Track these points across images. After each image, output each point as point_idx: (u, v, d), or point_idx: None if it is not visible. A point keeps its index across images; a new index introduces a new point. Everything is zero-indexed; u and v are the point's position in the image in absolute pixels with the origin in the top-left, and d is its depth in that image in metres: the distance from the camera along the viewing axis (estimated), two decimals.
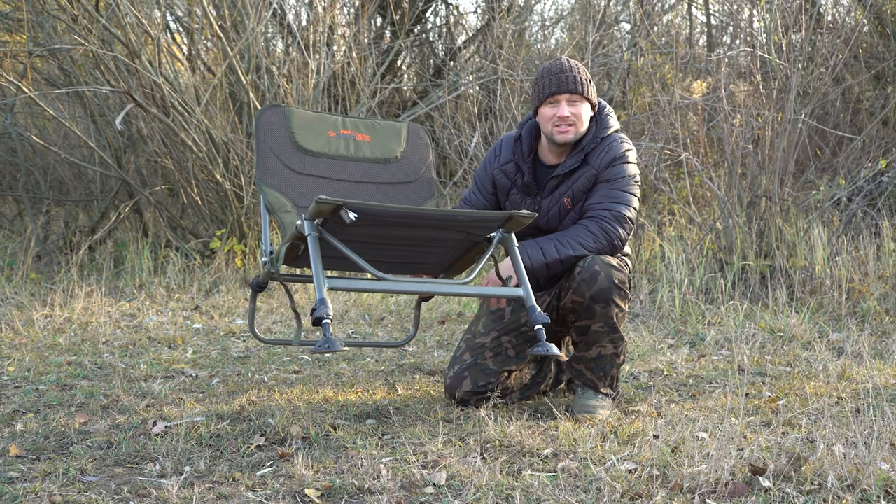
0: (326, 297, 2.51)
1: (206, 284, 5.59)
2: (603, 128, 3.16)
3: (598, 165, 3.12)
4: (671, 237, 5.43)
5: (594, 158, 3.13)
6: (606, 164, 3.11)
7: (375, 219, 2.61)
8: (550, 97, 3.08)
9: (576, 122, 3.09)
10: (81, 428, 2.94)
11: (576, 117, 3.08)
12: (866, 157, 5.92)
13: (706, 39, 7.66)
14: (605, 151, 3.12)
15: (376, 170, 3.28)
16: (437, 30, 8.26)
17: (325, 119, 3.29)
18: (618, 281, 3.01)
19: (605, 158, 3.11)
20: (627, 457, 2.60)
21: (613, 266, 3.03)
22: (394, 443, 2.79)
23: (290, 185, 3.13)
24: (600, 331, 3.04)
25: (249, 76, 5.92)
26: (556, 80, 3.08)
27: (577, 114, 3.09)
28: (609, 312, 3.02)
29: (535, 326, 2.68)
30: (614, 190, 3.10)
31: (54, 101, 6.59)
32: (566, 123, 3.08)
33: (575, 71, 3.09)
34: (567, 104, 3.08)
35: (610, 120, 3.18)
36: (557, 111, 3.07)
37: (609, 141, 3.14)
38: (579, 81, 3.08)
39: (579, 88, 3.07)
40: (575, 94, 3.08)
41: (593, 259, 3.02)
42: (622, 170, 3.12)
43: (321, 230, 2.62)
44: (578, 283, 3.00)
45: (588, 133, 3.14)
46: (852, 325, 4.38)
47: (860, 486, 2.32)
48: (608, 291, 3.00)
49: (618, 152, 3.12)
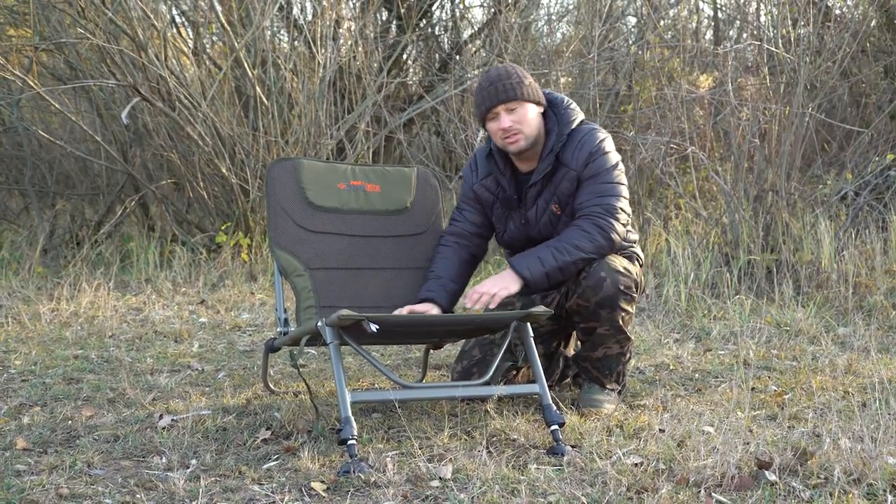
0: (351, 415, 2.53)
1: (212, 278, 5.60)
2: (565, 123, 3.03)
3: (575, 165, 2.99)
4: (677, 231, 5.42)
5: (568, 157, 3.00)
6: (584, 161, 2.99)
7: (397, 328, 2.70)
8: (488, 112, 2.98)
9: (521, 129, 2.97)
10: (88, 421, 2.95)
11: (519, 123, 2.96)
12: (873, 152, 5.90)
13: (713, 33, 7.64)
14: (577, 148, 3.00)
15: (388, 222, 3.28)
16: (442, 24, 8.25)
17: (334, 170, 3.28)
18: (623, 287, 2.96)
19: (580, 156, 2.99)
20: (633, 450, 2.60)
21: (619, 271, 2.97)
22: (400, 436, 2.79)
23: (302, 246, 3.14)
24: (606, 333, 3.02)
25: (256, 70, 5.92)
26: (488, 94, 2.97)
27: (520, 119, 2.96)
28: (615, 317, 2.99)
29: (550, 427, 2.66)
30: (600, 184, 2.98)
31: (60, 96, 6.59)
32: (511, 133, 2.96)
33: (505, 77, 2.96)
34: (506, 114, 2.96)
35: (571, 113, 3.05)
36: (499, 124, 2.97)
37: (579, 136, 3.01)
38: (510, 87, 2.95)
39: (512, 94, 2.94)
40: (511, 102, 2.95)
41: (599, 264, 2.95)
42: (602, 162, 2.99)
43: (344, 336, 2.65)
44: (584, 288, 2.95)
45: (550, 133, 3.02)
46: (859, 319, 4.36)
47: (866, 480, 2.31)
48: (614, 297, 2.95)
49: (592, 146, 2.99)
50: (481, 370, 3.12)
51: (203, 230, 6.30)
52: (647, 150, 5.80)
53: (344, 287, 3.16)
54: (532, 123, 2.99)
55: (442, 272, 3.12)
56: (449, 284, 3.10)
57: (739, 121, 5.48)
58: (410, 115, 6.82)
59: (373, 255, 3.22)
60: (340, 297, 3.13)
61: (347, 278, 3.17)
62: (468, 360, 3.17)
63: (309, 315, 3.06)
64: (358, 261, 3.20)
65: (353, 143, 6.19)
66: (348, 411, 2.53)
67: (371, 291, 3.18)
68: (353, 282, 3.17)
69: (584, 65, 6.18)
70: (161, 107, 5.81)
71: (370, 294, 3.17)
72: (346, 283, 3.16)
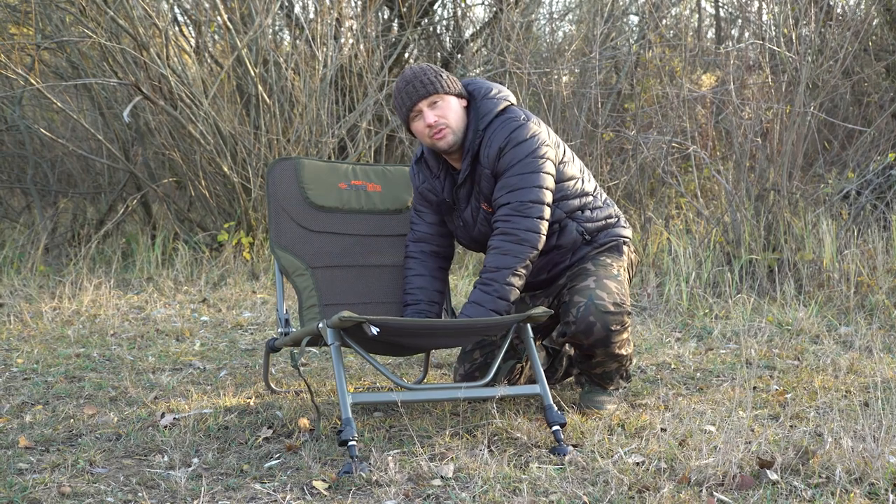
0: (351, 416, 2.54)
1: (214, 277, 5.60)
2: (481, 117, 2.91)
3: (487, 163, 2.90)
4: (679, 230, 5.42)
5: (483, 155, 2.90)
6: (494, 157, 2.88)
7: (398, 331, 2.70)
8: (411, 112, 2.90)
9: (447, 123, 2.88)
10: (90, 420, 2.95)
11: (444, 118, 2.88)
12: (875, 151, 5.89)
13: (715, 32, 7.64)
14: (488, 145, 2.89)
15: (388, 221, 3.28)
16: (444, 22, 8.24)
17: (335, 170, 3.28)
18: (614, 327, 2.89)
19: (490, 153, 2.88)
20: (635, 449, 2.60)
21: (608, 311, 2.87)
22: (401, 435, 2.79)
23: (302, 246, 3.15)
24: (603, 359, 3.02)
25: (257, 69, 5.92)
26: (407, 94, 2.89)
27: (443, 113, 2.88)
28: (610, 350, 2.97)
29: (551, 427, 2.66)
30: (510, 178, 2.86)
31: (62, 94, 6.59)
32: (438, 129, 2.88)
33: (421, 74, 2.89)
34: (429, 109, 2.87)
35: (487, 104, 2.92)
36: (424, 121, 2.88)
37: (491, 131, 2.89)
38: (428, 82, 2.87)
39: (431, 88, 2.87)
40: (432, 96, 2.87)
41: (587, 307, 2.85)
42: (513, 155, 2.86)
43: (344, 337, 2.65)
44: (574, 332, 2.90)
45: (468, 129, 2.92)
46: (860, 318, 4.36)
47: (868, 480, 2.31)
48: (606, 339, 2.91)
49: (501, 140, 2.86)
50: (483, 373, 3.10)
51: (205, 229, 6.30)
52: (648, 149, 5.79)
53: (346, 285, 3.16)
54: (456, 116, 2.90)
55: (419, 295, 3.09)
56: (427, 309, 3.08)
57: (741, 120, 5.48)
58: None
59: (374, 254, 3.23)
60: (343, 294, 3.14)
61: (349, 276, 3.18)
62: (470, 364, 3.16)
63: (312, 314, 3.06)
64: (360, 259, 3.21)
65: (354, 141, 6.19)
66: (349, 412, 2.53)
67: (374, 289, 3.18)
68: (355, 280, 3.18)
69: (586, 64, 6.18)
70: (163, 105, 5.81)
71: (373, 291, 3.18)
72: (349, 280, 3.17)
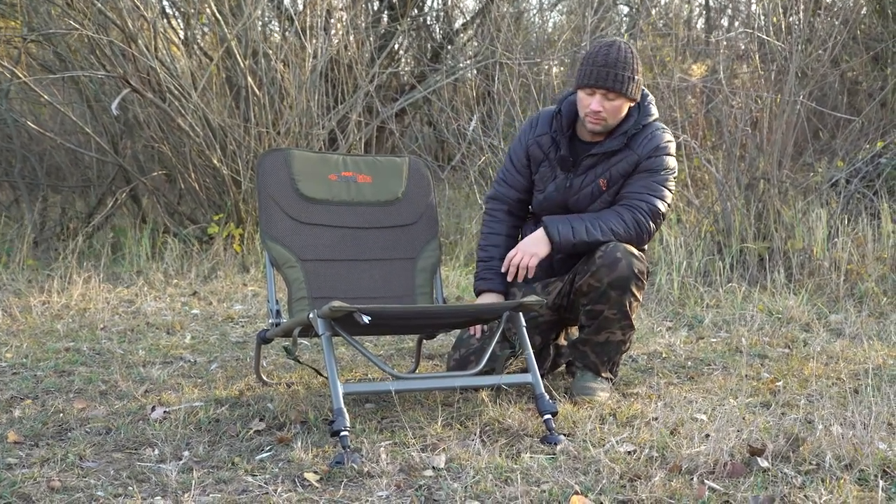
0: (343, 407, 2.53)
1: (205, 270, 5.59)
2: (645, 115, 3.11)
3: (640, 152, 3.07)
4: (669, 220, 5.42)
5: (637, 144, 3.08)
6: (650, 151, 3.07)
7: (390, 319, 2.71)
8: (587, 87, 3.01)
9: (607, 118, 3.03)
10: (80, 414, 2.94)
11: (608, 113, 3.02)
12: (864, 139, 5.91)
13: (705, 21, 7.64)
14: (648, 139, 3.08)
15: (378, 213, 3.28)
16: (434, 13, 8.22)
17: (326, 161, 3.27)
18: (637, 271, 2.99)
19: (648, 146, 3.07)
20: (626, 438, 2.60)
21: (635, 255, 3.01)
22: (393, 426, 2.79)
23: (293, 237, 3.14)
24: (612, 317, 3.03)
25: (247, 61, 5.90)
26: (597, 74, 2.99)
27: (611, 110, 3.02)
28: (624, 300, 3.00)
29: (542, 416, 2.67)
30: (653, 182, 3.06)
31: (50, 87, 6.55)
32: (598, 117, 3.03)
33: (619, 67, 2.98)
34: (602, 98, 3.00)
35: (651, 108, 3.14)
36: (591, 102, 3.01)
37: (652, 129, 3.10)
38: (620, 79, 2.98)
39: (619, 87, 2.98)
40: (614, 91, 2.99)
41: (616, 246, 2.99)
42: (664, 162, 3.08)
43: (336, 328, 2.65)
44: (598, 267, 2.97)
45: (629, 119, 3.09)
46: (850, 306, 4.38)
47: (858, 466, 2.32)
48: (627, 280, 2.97)
49: (661, 142, 3.08)
50: (478, 359, 3.11)
51: (195, 221, 6.28)
52: None
53: (336, 278, 3.15)
54: (619, 116, 3.06)
55: (493, 251, 3.22)
56: (499, 266, 3.17)
57: (731, 109, 5.48)
58: (402, 105, 6.79)
59: (365, 246, 3.22)
60: (332, 288, 3.13)
61: (339, 269, 3.17)
62: (465, 349, 3.17)
63: (301, 306, 3.05)
64: (350, 252, 3.20)
65: (345, 133, 6.17)
66: (341, 403, 2.53)
67: (363, 282, 3.18)
68: (345, 273, 3.17)
69: (577, 54, 6.17)
70: (151, 98, 5.78)
71: (362, 285, 3.17)
72: (338, 274, 3.16)
